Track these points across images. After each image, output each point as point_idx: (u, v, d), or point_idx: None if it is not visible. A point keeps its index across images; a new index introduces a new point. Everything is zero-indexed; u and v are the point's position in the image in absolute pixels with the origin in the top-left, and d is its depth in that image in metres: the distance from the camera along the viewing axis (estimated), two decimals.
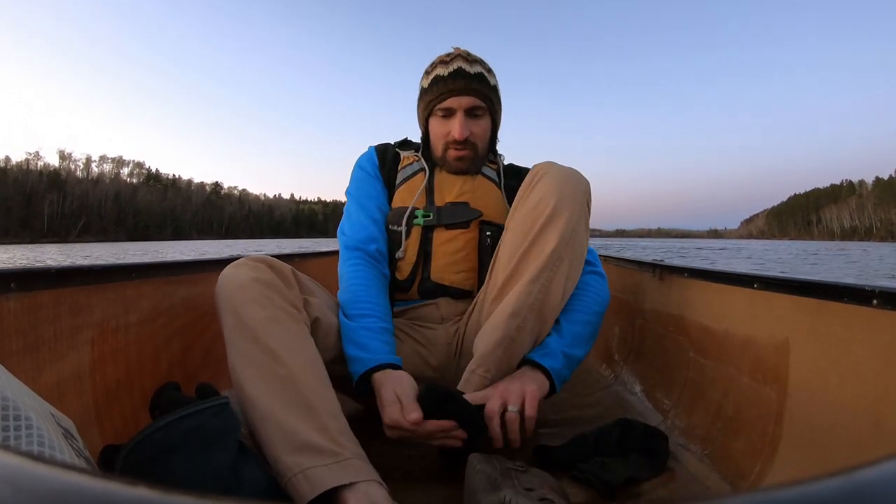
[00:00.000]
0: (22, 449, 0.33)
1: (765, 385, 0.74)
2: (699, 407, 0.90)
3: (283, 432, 0.62)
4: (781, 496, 0.11)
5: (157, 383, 0.68)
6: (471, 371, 0.81)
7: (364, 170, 1.05)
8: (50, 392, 0.65)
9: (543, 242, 0.80)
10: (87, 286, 0.75)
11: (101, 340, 0.77)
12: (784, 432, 0.68)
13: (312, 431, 0.62)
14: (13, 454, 0.13)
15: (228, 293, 0.70)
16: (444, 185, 1.01)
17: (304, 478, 0.59)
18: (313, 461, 0.60)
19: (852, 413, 0.59)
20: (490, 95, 0.99)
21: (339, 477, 0.59)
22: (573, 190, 0.81)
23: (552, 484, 0.65)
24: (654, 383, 1.10)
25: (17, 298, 0.63)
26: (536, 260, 0.80)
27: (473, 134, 0.97)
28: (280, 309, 0.70)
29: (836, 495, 0.11)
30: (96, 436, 0.72)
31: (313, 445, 0.61)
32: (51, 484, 0.12)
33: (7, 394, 0.39)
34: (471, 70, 0.96)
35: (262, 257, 0.76)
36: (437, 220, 0.97)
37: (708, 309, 0.95)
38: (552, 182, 0.82)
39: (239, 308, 0.69)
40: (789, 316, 0.72)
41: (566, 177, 0.82)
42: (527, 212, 0.83)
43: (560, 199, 0.80)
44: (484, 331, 0.83)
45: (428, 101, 0.99)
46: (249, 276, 0.71)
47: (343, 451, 0.62)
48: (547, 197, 0.81)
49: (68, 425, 0.49)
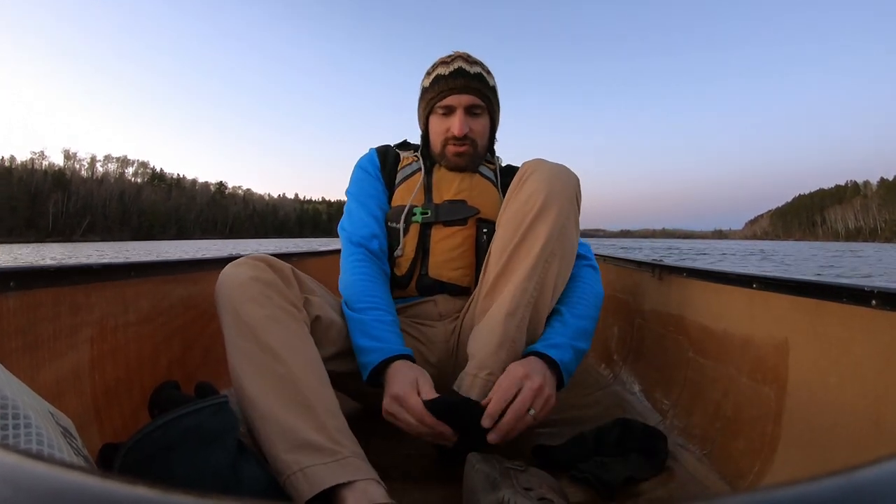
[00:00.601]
0: (21, 448, 0.33)
1: (764, 385, 0.74)
2: (698, 407, 0.90)
3: (281, 431, 0.62)
4: (780, 496, 0.11)
5: (157, 382, 0.68)
6: (473, 375, 0.79)
7: (365, 170, 1.06)
8: (49, 391, 0.65)
9: (533, 238, 0.80)
10: (86, 285, 0.75)
11: (100, 339, 0.77)
12: (783, 432, 0.68)
13: (311, 430, 0.62)
14: (12, 453, 0.13)
15: (228, 292, 0.70)
16: (442, 183, 1.02)
17: (303, 476, 0.59)
18: (312, 459, 0.60)
19: (851, 413, 0.59)
20: (489, 95, 1.01)
21: (338, 475, 0.59)
22: (563, 185, 0.81)
23: (551, 483, 0.65)
24: (653, 383, 1.10)
25: (17, 297, 0.63)
26: (528, 256, 0.80)
27: (473, 131, 0.99)
28: (279, 308, 0.71)
29: (836, 495, 0.11)
30: (95, 434, 0.72)
31: (312, 444, 0.61)
32: (50, 482, 0.12)
33: (6, 392, 0.39)
34: (471, 70, 0.99)
35: (262, 256, 0.76)
36: (435, 218, 0.98)
37: (707, 309, 0.95)
38: (541, 178, 0.82)
39: (238, 307, 0.69)
40: (788, 316, 0.73)
41: (555, 173, 0.83)
42: (517, 208, 0.83)
43: (549, 195, 0.80)
44: (479, 331, 0.82)
45: (429, 98, 1.01)
46: (249, 275, 0.71)
47: (342, 449, 0.62)
48: (536, 193, 0.81)
49: (67, 424, 0.49)
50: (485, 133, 1.03)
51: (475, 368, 0.80)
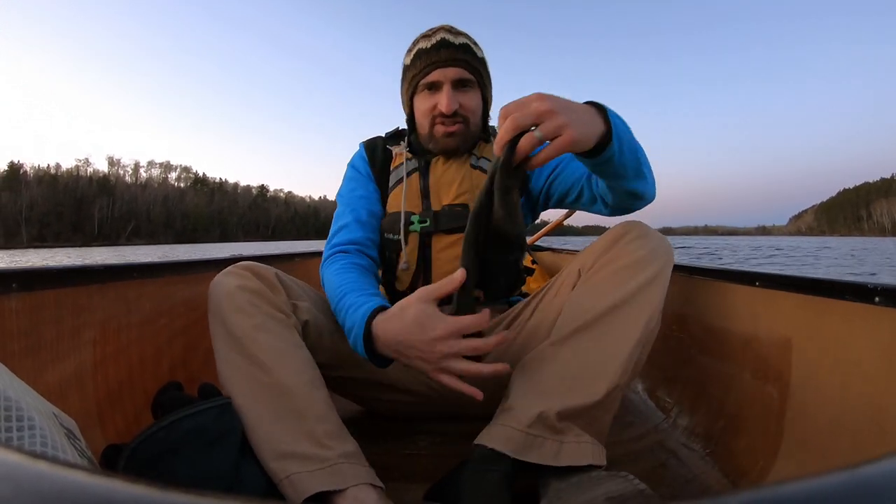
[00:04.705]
0: (25, 449, 0.33)
1: (767, 383, 0.74)
2: (701, 405, 0.90)
3: (268, 440, 0.62)
4: (783, 493, 0.11)
5: (159, 383, 0.68)
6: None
7: (356, 169, 1.00)
8: (52, 392, 0.65)
9: (637, 308, 0.68)
10: (88, 286, 0.75)
11: (103, 341, 0.77)
12: (786, 430, 0.68)
13: (298, 439, 0.62)
14: (15, 453, 0.13)
15: (217, 302, 0.69)
16: (441, 184, 0.94)
17: (290, 483, 0.59)
18: (298, 467, 0.60)
19: (854, 411, 0.59)
20: (478, 67, 0.91)
21: (324, 483, 0.59)
22: (666, 259, 0.73)
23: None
24: (655, 382, 1.10)
25: (20, 298, 0.63)
26: (632, 329, 0.68)
27: (463, 107, 0.90)
28: (267, 315, 0.69)
29: (839, 492, 0.11)
30: (99, 436, 0.72)
31: (297, 453, 0.61)
32: (53, 482, 0.12)
33: (10, 394, 0.39)
34: (455, 41, 0.89)
35: (248, 264, 0.74)
36: (435, 226, 0.91)
37: (710, 307, 0.94)
38: (649, 245, 0.72)
39: (226, 317, 0.68)
40: (791, 314, 0.72)
41: (667, 247, 0.74)
42: (617, 269, 0.71)
43: (661, 269, 0.71)
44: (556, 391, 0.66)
45: (412, 76, 0.91)
46: (235, 285, 0.70)
47: (329, 455, 0.62)
48: (644, 261, 0.70)
49: (71, 425, 0.49)
50: (476, 109, 0.93)
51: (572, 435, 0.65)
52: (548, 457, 0.63)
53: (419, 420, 0.97)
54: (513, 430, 0.64)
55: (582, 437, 0.64)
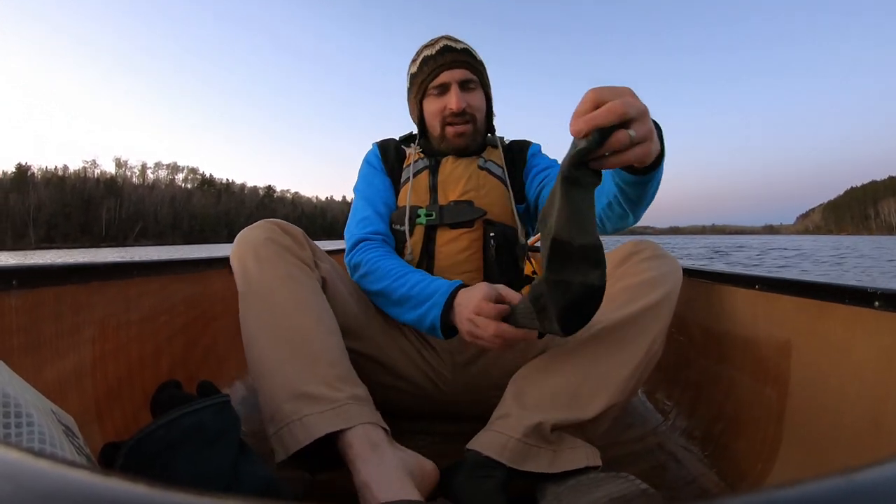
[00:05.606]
0: (23, 446, 0.33)
1: (766, 386, 0.74)
2: (700, 408, 0.90)
3: (284, 381, 0.65)
4: (782, 497, 0.11)
5: (158, 381, 0.68)
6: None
7: (371, 164, 1.04)
8: (51, 389, 0.65)
9: (644, 328, 0.70)
10: (88, 284, 0.75)
11: (102, 338, 0.77)
12: (785, 433, 0.68)
13: (312, 381, 0.65)
14: (14, 450, 0.13)
15: (242, 252, 0.73)
16: (449, 182, 0.97)
17: (301, 424, 0.62)
18: (310, 409, 0.63)
19: (853, 414, 0.59)
20: (480, 69, 0.99)
21: (333, 423, 0.62)
22: (675, 282, 0.74)
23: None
24: (655, 384, 1.10)
25: (19, 296, 0.63)
26: (636, 348, 0.69)
27: (471, 105, 0.97)
28: (293, 265, 0.73)
29: (837, 496, 0.11)
30: (97, 433, 0.72)
31: (310, 394, 0.64)
32: (51, 480, 0.12)
33: (8, 391, 0.39)
34: (457, 46, 0.97)
35: (276, 221, 0.78)
36: (440, 220, 0.94)
37: (709, 310, 0.94)
38: (662, 267, 0.74)
39: (253, 266, 0.71)
40: (791, 317, 0.72)
41: (677, 270, 0.76)
42: (627, 286, 0.73)
43: (669, 291, 0.72)
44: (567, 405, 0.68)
45: (420, 82, 0.98)
46: (263, 237, 0.73)
47: (340, 395, 0.64)
48: (655, 282, 0.72)
49: (69, 423, 0.49)
50: (482, 108, 1.00)
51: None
52: (543, 465, 0.65)
53: (417, 419, 0.96)
54: (508, 438, 0.66)
55: (575, 443, 0.67)
